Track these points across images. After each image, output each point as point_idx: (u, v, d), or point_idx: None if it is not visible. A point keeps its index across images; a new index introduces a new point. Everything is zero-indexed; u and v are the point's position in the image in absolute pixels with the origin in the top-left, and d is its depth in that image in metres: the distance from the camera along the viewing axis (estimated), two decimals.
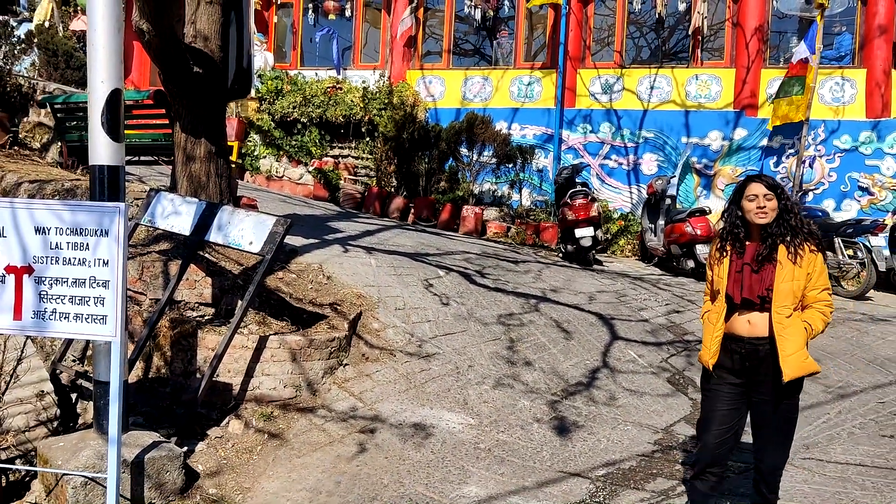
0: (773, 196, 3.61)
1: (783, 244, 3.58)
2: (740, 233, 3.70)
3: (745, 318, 3.67)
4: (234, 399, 5.34)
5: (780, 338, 3.55)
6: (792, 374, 3.54)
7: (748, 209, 3.65)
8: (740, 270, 3.66)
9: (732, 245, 3.73)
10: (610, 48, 14.44)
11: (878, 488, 4.61)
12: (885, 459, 5.03)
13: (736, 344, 3.69)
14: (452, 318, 6.94)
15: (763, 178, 3.70)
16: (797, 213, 3.66)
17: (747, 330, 3.66)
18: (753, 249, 3.68)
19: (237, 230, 5.40)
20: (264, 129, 14.41)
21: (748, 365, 3.67)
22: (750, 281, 3.63)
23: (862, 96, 12.75)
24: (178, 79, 6.60)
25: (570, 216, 10.51)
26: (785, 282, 3.56)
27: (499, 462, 4.91)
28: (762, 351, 3.62)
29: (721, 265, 3.74)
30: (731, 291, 3.68)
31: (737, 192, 3.76)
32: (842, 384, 6.49)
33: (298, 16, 16.21)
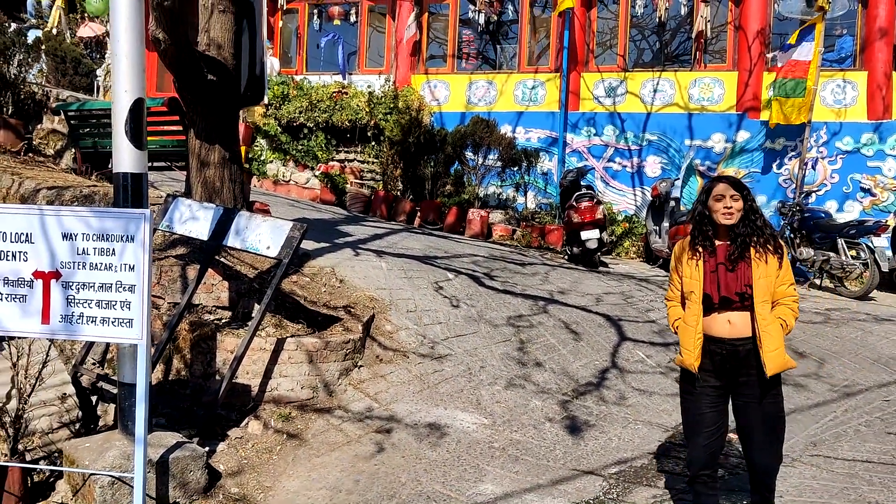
0: (740, 196, 3.66)
1: (752, 244, 3.64)
2: (709, 231, 3.74)
3: (724, 317, 3.69)
4: (253, 400, 5.46)
5: (765, 334, 3.59)
6: (774, 368, 3.60)
7: (715, 209, 3.69)
8: (714, 270, 3.68)
9: (703, 245, 3.74)
10: (613, 52, 14.56)
11: (885, 484, 4.71)
12: (891, 456, 5.12)
13: (716, 345, 3.71)
14: (463, 319, 7.05)
15: (729, 179, 3.76)
16: (761, 213, 3.73)
17: (728, 331, 3.68)
18: (724, 249, 3.70)
19: (254, 235, 5.52)
20: (271, 134, 14.55)
21: (729, 366, 3.70)
22: (727, 279, 3.65)
23: (863, 98, 12.87)
24: (193, 86, 6.72)
25: (576, 219, 10.62)
26: (761, 279, 3.62)
27: (513, 461, 5.02)
28: (743, 351, 3.67)
29: (692, 266, 3.75)
30: (708, 291, 3.69)
31: (704, 193, 3.79)
32: (847, 383, 6.59)
33: (304, 21, 16.35)
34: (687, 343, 3.77)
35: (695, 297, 3.73)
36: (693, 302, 3.74)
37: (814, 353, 7.22)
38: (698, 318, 3.72)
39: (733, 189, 3.68)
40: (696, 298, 3.73)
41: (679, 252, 3.90)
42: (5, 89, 9.14)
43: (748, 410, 3.72)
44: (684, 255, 3.82)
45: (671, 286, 4.02)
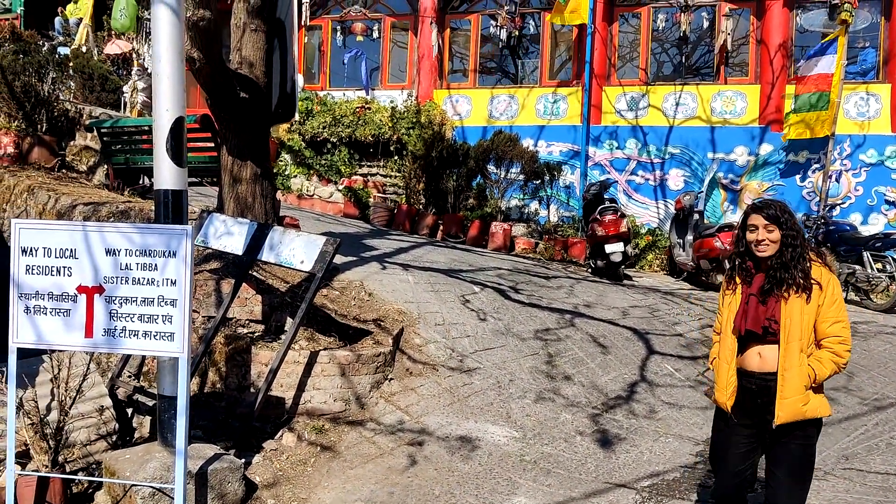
0: (776, 227, 3.44)
1: (782, 280, 3.42)
2: (748, 262, 3.57)
3: (755, 350, 3.51)
4: (287, 413, 5.53)
5: (782, 378, 3.39)
6: (785, 417, 3.38)
7: (749, 240, 3.52)
8: (747, 301, 3.52)
9: (741, 276, 3.59)
10: (634, 65, 14.61)
11: None
12: None
13: (747, 379, 3.53)
14: (490, 333, 7.10)
15: (764, 209, 3.49)
16: (797, 244, 3.43)
17: (758, 364, 3.50)
18: (760, 280, 3.51)
19: (288, 249, 5.61)
20: (295, 149, 14.70)
21: (760, 402, 3.49)
22: (756, 312, 3.47)
23: (887, 111, 12.83)
24: (226, 104, 6.85)
25: (600, 232, 10.64)
26: (792, 317, 3.39)
27: (545, 474, 5.05)
28: (774, 388, 3.43)
29: (729, 297, 3.63)
30: (736, 322, 3.54)
31: (742, 221, 3.61)
32: (877, 396, 6.57)
33: (327, 37, 16.54)
34: (720, 380, 3.62)
35: (729, 329, 3.59)
36: (727, 335, 3.60)
37: None
38: (732, 352, 3.57)
39: (766, 219, 3.45)
40: (729, 331, 3.58)
41: (724, 281, 3.77)
42: (39, 107, 9.34)
43: (775, 450, 3.51)
44: (727, 286, 3.70)
45: (717, 316, 3.83)
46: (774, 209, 3.48)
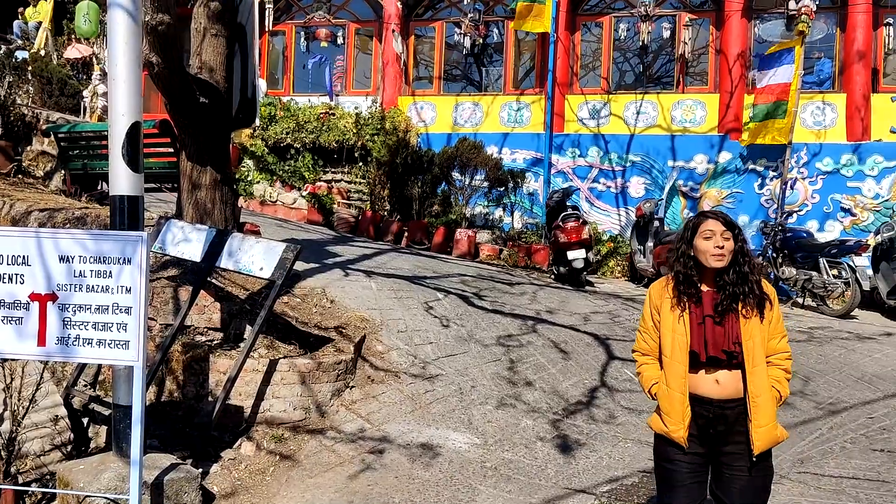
0: (731, 235, 3.17)
1: (740, 294, 3.16)
2: (694, 276, 3.22)
3: (711, 377, 3.18)
4: (246, 422, 5.48)
5: (754, 406, 3.13)
6: (763, 446, 3.14)
7: (702, 249, 3.18)
8: (701, 322, 3.17)
9: (688, 292, 3.22)
10: (596, 74, 14.78)
11: (871, 500, 4.80)
12: (877, 472, 5.21)
13: (701, 407, 3.19)
14: (453, 339, 7.11)
15: (719, 215, 3.24)
16: (751, 255, 3.24)
17: (716, 391, 3.17)
18: (711, 297, 3.21)
19: (247, 256, 5.56)
20: (258, 155, 14.59)
21: (714, 432, 3.20)
22: (713, 334, 3.15)
23: (843, 120, 13.13)
24: (185, 109, 6.78)
25: (563, 239, 10.73)
26: (752, 338, 3.15)
27: (506, 480, 5.07)
28: (732, 415, 3.17)
29: (675, 316, 3.21)
30: (696, 348, 3.16)
31: (689, 230, 3.26)
32: (832, 400, 6.69)
33: (291, 43, 16.47)
34: (672, 411, 3.21)
35: (679, 354, 3.19)
36: (677, 361, 3.20)
37: (798, 371, 7.32)
38: (684, 380, 3.18)
39: (724, 226, 3.18)
40: (681, 357, 3.19)
41: (658, 296, 3.33)
42: None
43: (733, 484, 3.21)
44: (665, 302, 3.28)
45: (643, 335, 3.41)
46: (726, 215, 3.25)
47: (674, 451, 3.25)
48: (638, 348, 3.47)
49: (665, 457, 3.32)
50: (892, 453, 5.52)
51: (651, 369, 3.37)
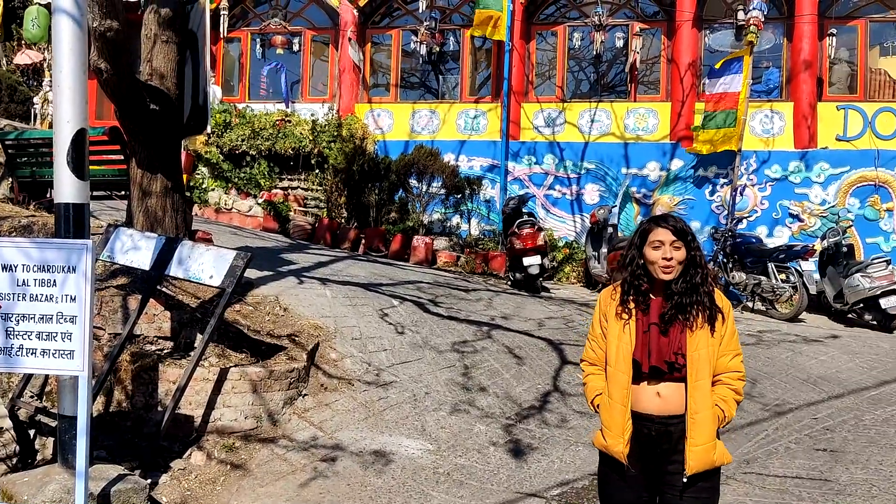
0: (682, 244, 2.97)
1: (688, 305, 2.96)
2: (643, 285, 3.04)
3: (653, 389, 2.98)
4: (196, 431, 5.42)
5: (692, 423, 2.91)
6: (697, 467, 2.91)
7: (651, 259, 2.99)
8: (647, 331, 2.99)
9: (636, 300, 3.04)
10: (551, 83, 14.94)
11: (813, 499, 4.92)
12: (819, 472, 5.35)
13: (643, 423, 2.98)
14: (408, 346, 7.12)
15: (670, 222, 3.01)
16: (703, 265, 3.02)
17: (658, 406, 2.97)
18: (659, 305, 3.02)
19: (197, 264, 5.52)
20: (213, 162, 14.44)
21: (658, 450, 3.00)
22: (658, 344, 2.96)
23: (790, 128, 13.46)
24: (135, 116, 6.71)
25: (518, 245, 10.81)
26: (698, 350, 2.94)
27: (458, 485, 5.09)
28: (676, 431, 2.95)
29: (621, 324, 3.04)
30: (638, 357, 2.98)
31: (639, 236, 3.07)
32: (778, 402, 6.85)
33: (246, 50, 16.36)
34: (613, 425, 3.00)
35: (622, 364, 3.00)
36: (620, 371, 3.00)
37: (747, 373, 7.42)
38: (627, 391, 2.98)
39: (674, 234, 2.97)
40: (624, 367, 3.00)
41: (606, 304, 3.15)
42: None
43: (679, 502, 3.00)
44: (612, 309, 3.10)
45: (591, 343, 3.23)
46: (679, 223, 3.02)
47: (615, 472, 3.05)
48: (585, 357, 3.28)
49: (607, 480, 3.13)
50: (835, 453, 5.67)
51: (596, 380, 3.17)
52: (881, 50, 13.89)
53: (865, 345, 8.99)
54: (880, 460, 5.47)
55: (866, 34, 13.76)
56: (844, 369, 7.83)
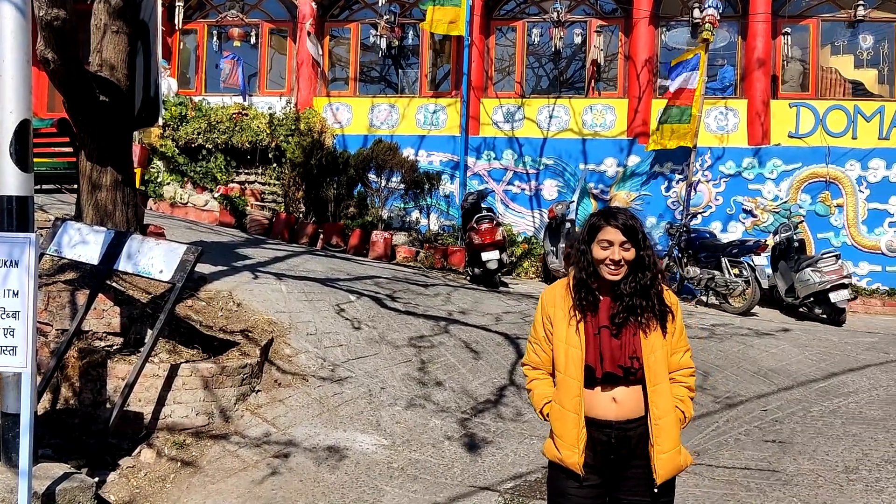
0: (632, 244, 2.81)
1: (638, 307, 2.82)
2: (592, 283, 2.86)
3: (608, 395, 2.83)
4: (146, 428, 5.34)
5: (657, 429, 2.79)
6: (667, 474, 2.81)
7: (599, 258, 2.82)
8: (597, 333, 2.83)
9: (585, 300, 2.86)
10: (511, 78, 14.99)
11: (761, 489, 5.01)
12: (767, 462, 5.45)
13: (599, 431, 2.83)
14: (364, 341, 7.09)
15: (620, 219, 2.83)
16: (654, 263, 2.87)
17: (614, 412, 2.82)
18: (608, 306, 2.86)
19: (147, 259, 5.43)
20: (168, 156, 14.21)
21: (614, 457, 2.84)
22: (610, 347, 2.80)
23: (744, 125, 13.69)
24: (84, 107, 6.56)
25: (477, 240, 10.84)
26: (654, 352, 2.82)
27: (412, 480, 5.09)
28: (634, 436, 2.83)
29: (570, 326, 2.86)
30: (591, 362, 2.81)
31: (588, 231, 2.89)
32: (729, 394, 6.96)
33: (203, 41, 16.12)
34: (565, 434, 2.84)
35: (574, 370, 2.83)
36: (571, 377, 2.83)
37: (699, 366, 7.57)
38: (579, 398, 2.82)
39: (623, 234, 2.80)
40: (575, 372, 2.82)
41: (550, 304, 2.97)
42: None
43: None
44: (557, 310, 2.92)
45: (534, 346, 3.03)
46: (630, 220, 2.85)
47: (569, 483, 2.87)
48: (528, 361, 3.07)
49: (559, 490, 2.92)
50: (783, 444, 5.78)
51: (543, 386, 2.99)
52: (832, 49, 14.20)
53: (815, 338, 9.18)
54: (827, 451, 5.59)
55: (818, 33, 14.05)
56: (794, 362, 7.99)
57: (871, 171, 13.20)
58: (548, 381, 2.99)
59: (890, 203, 13.15)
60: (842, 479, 5.09)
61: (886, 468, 5.22)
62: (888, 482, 4.99)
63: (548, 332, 2.94)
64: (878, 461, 5.35)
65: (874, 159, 13.20)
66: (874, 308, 12.13)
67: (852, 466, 5.28)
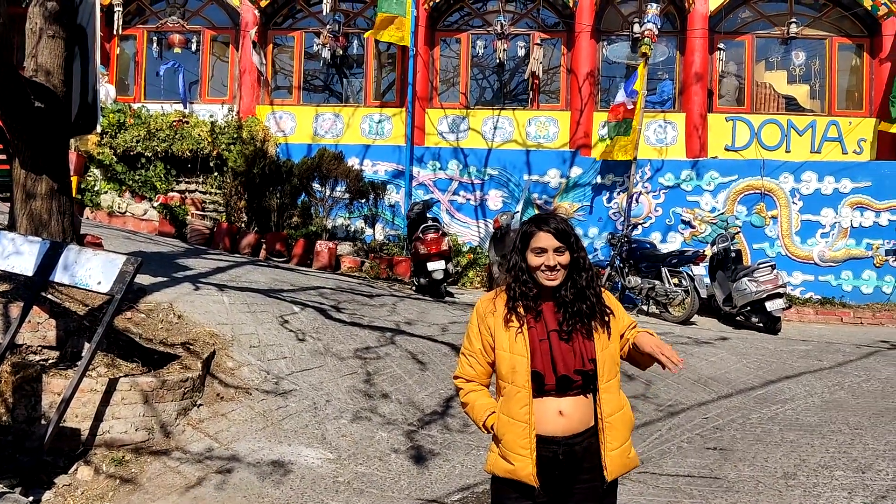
0: (566, 248, 2.78)
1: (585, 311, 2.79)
2: (532, 290, 2.81)
3: (554, 408, 2.75)
4: (83, 445, 5.17)
5: (609, 426, 2.75)
6: (616, 471, 2.77)
7: (534, 265, 2.78)
8: (545, 338, 2.75)
9: (525, 306, 2.80)
10: (456, 89, 15.07)
11: (703, 496, 5.10)
12: (709, 470, 5.55)
13: (546, 447, 2.73)
14: (309, 353, 7.01)
15: (552, 224, 2.80)
16: (588, 266, 2.84)
17: (563, 426, 2.74)
18: (552, 311, 2.80)
19: (84, 270, 5.28)
20: (105, 164, 13.86)
21: (559, 473, 2.76)
22: (561, 352, 2.73)
23: (682, 138, 14.04)
24: (18, 114, 6.36)
25: (423, 250, 10.83)
26: (603, 350, 2.78)
27: (358, 494, 5.04)
28: (580, 451, 2.76)
29: (511, 333, 2.78)
30: (540, 368, 2.73)
31: (521, 239, 2.85)
32: (671, 402, 7.09)
33: (142, 48, 15.80)
34: (518, 446, 2.73)
35: (521, 378, 2.74)
36: (519, 387, 2.75)
37: (641, 375, 7.70)
38: (530, 407, 2.73)
39: (557, 239, 2.77)
40: (523, 381, 2.74)
41: (488, 313, 2.88)
42: None
43: None
44: (497, 319, 2.84)
45: (468, 359, 2.92)
46: (561, 224, 2.82)
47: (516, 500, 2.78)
48: (462, 374, 2.95)
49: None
50: (724, 451, 5.90)
51: (483, 397, 2.90)
52: (767, 64, 14.68)
53: (752, 346, 9.42)
54: (766, 457, 5.73)
55: (753, 49, 14.52)
56: (733, 370, 8.18)
57: (803, 183, 13.66)
58: (485, 391, 2.92)
59: (822, 214, 13.63)
60: (781, 484, 5.23)
61: (823, 473, 5.37)
62: (825, 487, 5.14)
63: (486, 343, 2.86)
64: (814, 467, 5.51)
65: (806, 172, 13.66)
66: (808, 317, 12.53)
67: (791, 472, 5.42)
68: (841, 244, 13.55)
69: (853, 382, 7.80)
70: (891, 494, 4.99)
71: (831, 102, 14.40)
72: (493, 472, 2.84)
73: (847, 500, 4.93)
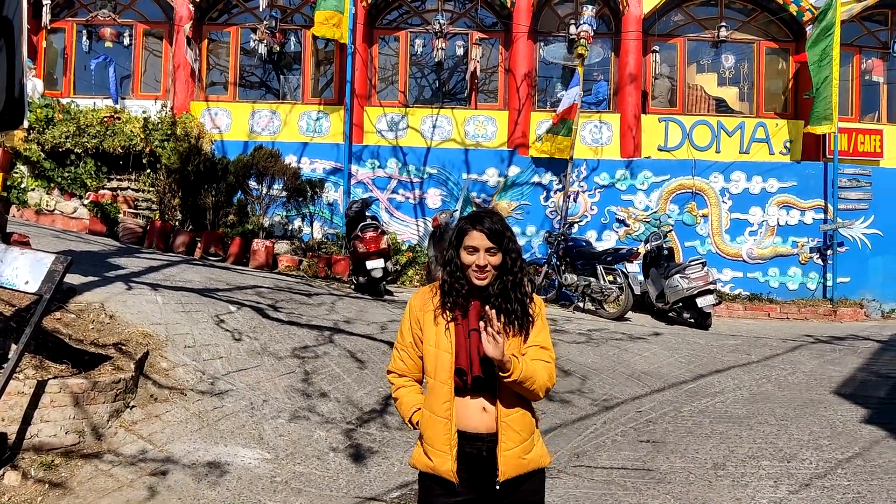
0: (498, 249, 2.78)
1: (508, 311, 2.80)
2: (464, 287, 2.82)
3: (478, 404, 2.78)
4: (10, 449, 5.01)
5: (504, 426, 2.73)
6: (509, 472, 2.73)
7: (466, 263, 2.79)
8: (469, 336, 2.77)
9: (454, 302, 2.82)
10: (394, 87, 15.06)
11: (637, 487, 5.23)
12: (643, 462, 5.70)
13: (470, 444, 2.76)
14: (246, 353, 6.94)
15: (486, 224, 2.79)
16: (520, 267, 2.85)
17: (485, 423, 2.77)
18: (477, 310, 2.80)
19: (11, 269, 5.12)
20: (33, 160, 13.42)
21: (487, 471, 2.77)
22: (479, 350, 2.71)
23: (617, 138, 14.32)
24: None
25: (362, 249, 10.80)
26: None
27: (296, 493, 5.01)
28: None
29: (440, 329, 2.81)
30: (462, 364, 2.74)
31: (456, 236, 2.86)
32: (606, 397, 7.24)
33: (71, 41, 15.34)
34: (438, 442, 2.76)
35: (444, 374, 2.77)
36: (441, 381, 2.78)
37: (577, 370, 7.86)
38: (451, 403, 2.76)
39: (489, 240, 2.77)
40: (445, 377, 2.77)
41: (420, 308, 2.91)
42: None
43: None
44: (427, 314, 2.87)
45: (400, 353, 2.97)
46: (495, 223, 2.81)
47: (442, 497, 2.80)
48: (394, 368, 3.00)
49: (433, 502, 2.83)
50: (657, 443, 6.06)
51: (411, 394, 2.95)
52: (698, 67, 15.07)
53: (684, 341, 9.69)
54: (696, 449, 5.91)
55: (685, 52, 14.87)
56: (665, 364, 8.40)
57: (732, 182, 14.09)
58: (415, 388, 2.96)
59: (750, 213, 14.08)
60: (711, 475, 5.40)
61: (750, 464, 5.58)
62: (752, 476, 5.34)
63: (416, 336, 2.90)
64: (742, 457, 5.71)
65: (735, 172, 14.09)
66: (737, 312, 12.94)
67: (720, 463, 5.61)
68: (768, 242, 14.03)
69: (779, 375, 8.09)
70: (814, 482, 5.21)
71: (759, 104, 14.87)
72: (416, 466, 2.89)
73: (773, 488, 5.13)
